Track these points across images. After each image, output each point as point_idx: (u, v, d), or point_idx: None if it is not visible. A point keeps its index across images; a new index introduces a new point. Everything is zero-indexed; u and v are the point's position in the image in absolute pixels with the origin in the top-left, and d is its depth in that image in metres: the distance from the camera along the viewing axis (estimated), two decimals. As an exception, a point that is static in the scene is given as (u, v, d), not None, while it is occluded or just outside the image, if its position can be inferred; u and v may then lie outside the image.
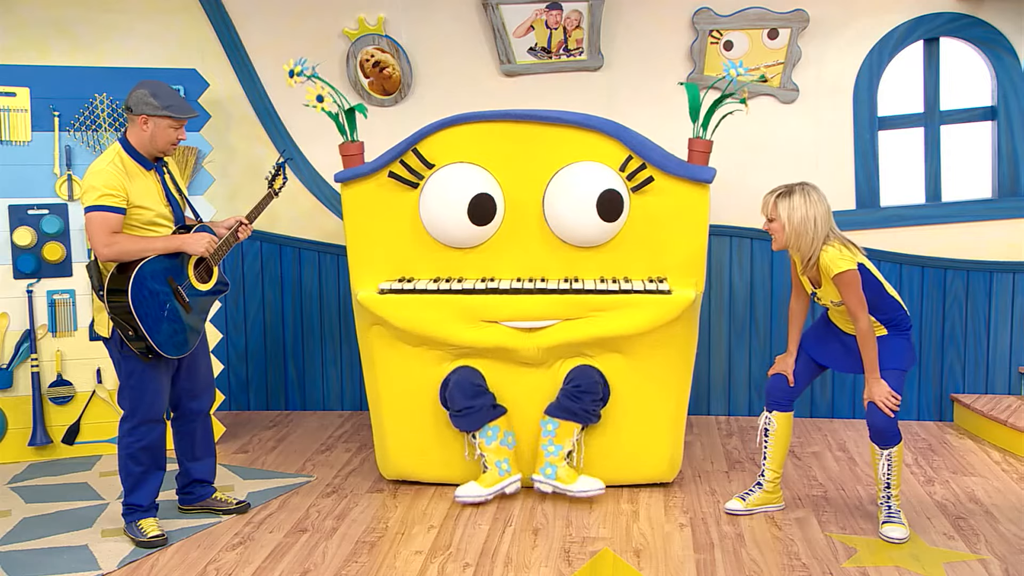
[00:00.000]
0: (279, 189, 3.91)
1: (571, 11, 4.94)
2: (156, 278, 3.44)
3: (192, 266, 3.61)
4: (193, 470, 3.85)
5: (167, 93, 3.50)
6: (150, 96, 3.45)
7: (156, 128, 3.47)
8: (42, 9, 5.06)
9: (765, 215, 3.52)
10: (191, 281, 3.59)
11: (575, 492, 3.85)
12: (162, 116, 3.46)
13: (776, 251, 3.49)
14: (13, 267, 4.56)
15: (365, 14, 5.08)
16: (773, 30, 4.89)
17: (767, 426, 3.75)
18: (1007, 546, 3.46)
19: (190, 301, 3.58)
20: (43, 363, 4.62)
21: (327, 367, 5.45)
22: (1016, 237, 4.94)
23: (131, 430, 3.56)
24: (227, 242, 3.66)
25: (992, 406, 4.80)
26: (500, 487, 3.92)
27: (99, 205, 3.35)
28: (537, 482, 3.94)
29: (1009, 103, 4.91)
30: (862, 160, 4.99)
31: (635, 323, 3.84)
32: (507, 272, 4.03)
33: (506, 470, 3.95)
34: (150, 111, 3.44)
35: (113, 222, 3.36)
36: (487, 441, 3.94)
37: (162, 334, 3.44)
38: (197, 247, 3.52)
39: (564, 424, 3.90)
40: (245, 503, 3.92)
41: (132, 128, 3.50)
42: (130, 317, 3.35)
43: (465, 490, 3.92)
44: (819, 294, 3.58)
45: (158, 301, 3.44)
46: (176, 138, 3.53)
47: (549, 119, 3.93)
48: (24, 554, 3.51)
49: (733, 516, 3.76)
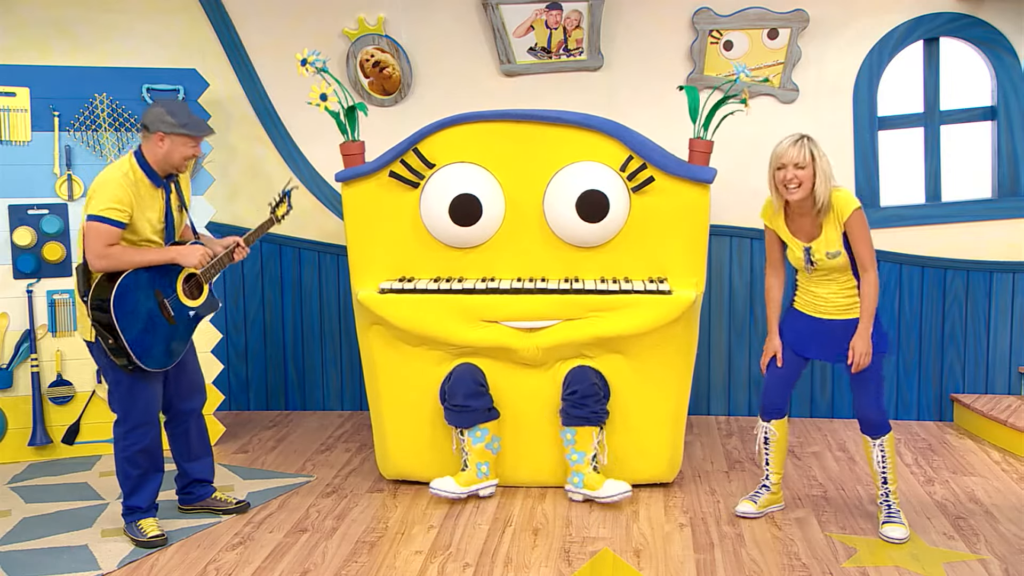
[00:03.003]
0: (282, 217, 3.92)
1: (571, 11, 4.94)
2: (142, 290, 3.43)
3: (182, 281, 3.59)
4: (191, 470, 3.85)
5: (183, 111, 3.51)
6: (167, 114, 3.46)
7: (172, 145, 3.47)
8: (42, 9, 5.05)
9: (792, 163, 3.39)
10: (179, 296, 3.58)
11: (603, 498, 3.86)
12: (178, 134, 3.46)
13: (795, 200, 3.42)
14: (13, 267, 4.56)
15: (365, 14, 5.08)
16: (773, 30, 4.89)
17: (766, 435, 3.75)
18: (1007, 546, 3.46)
19: (176, 315, 3.56)
20: (43, 363, 4.62)
21: (327, 367, 5.45)
22: (1016, 237, 4.94)
23: (126, 434, 3.55)
24: (221, 261, 3.66)
25: (992, 406, 4.80)
26: (475, 488, 3.95)
27: (103, 216, 3.34)
28: (569, 492, 3.98)
29: (1009, 103, 4.91)
30: (862, 160, 4.99)
31: (635, 323, 3.84)
32: (507, 272, 4.03)
33: (484, 473, 3.97)
34: (166, 129, 3.45)
35: (112, 235, 3.36)
36: (474, 441, 3.95)
37: (143, 346, 3.41)
38: (190, 259, 3.51)
39: (581, 430, 3.90)
40: (245, 502, 3.92)
41: (147, 144, 3.49)
42: (112, 327, 3.34)
43: (441, 483, 3.92)
44: (813, 248, 3.48)
45: (141, 313, 3.42)
46: (191, 155, 3.53)
47: (550, 119, 3.93)
48: (24, 554, 3.51)
49: (732, 516, 3.76)
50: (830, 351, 3.59)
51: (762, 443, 3.77)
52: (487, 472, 3.98)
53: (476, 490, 3.96)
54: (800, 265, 3.56)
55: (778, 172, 3.44)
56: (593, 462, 3.93)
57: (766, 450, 3.76)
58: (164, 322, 3.51)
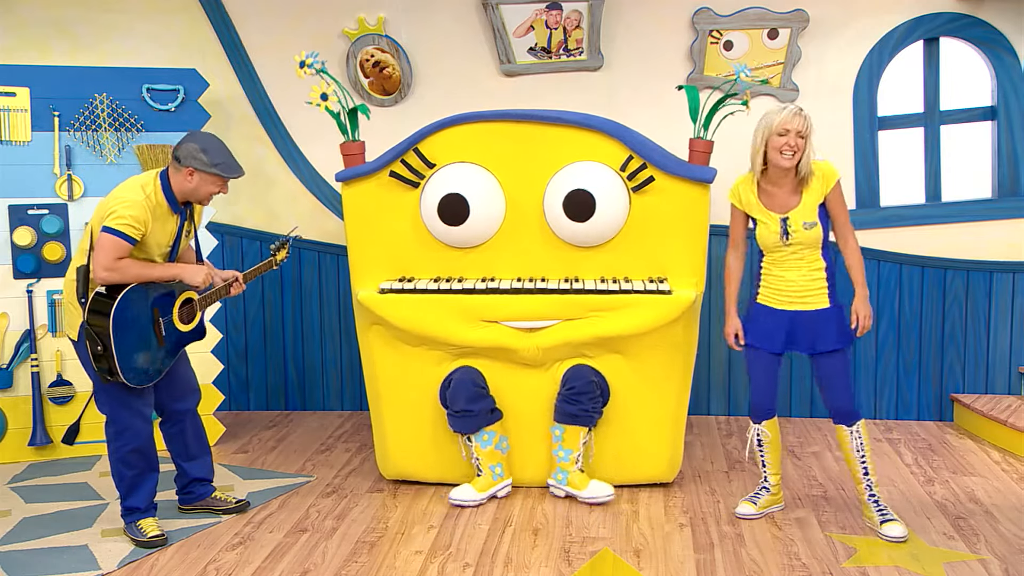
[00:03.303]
0: (280, 262, 3.99)
1: (571, 11, 4.94)
2: (142, 305, 3.44)
3: (179, 304, 3.60)
4: (190, 469, 3.85)
5: (218, 150, 3.49)
6: (200, 151, 3.44)
7: (201, 183, 3.48)
8: (42, 9, 5.06)
9: (796, 130, 3.43)
10: (173, 318, 3.59)
11: (584, 498, 3.89)
12: (209, 173, 3.46)
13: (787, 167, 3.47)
14: (13, 267, 4.56)
15: (365, 14, 5.08)
16: (773, 30, 4.89)
17: (759, 437, 3.75)
18: (1007, 546, 3.46)
19: (166, 337, 3.56)
20: (43, 363, 4.62)
21: (327, 367, 5.45)
22: (1016, 237, 4.94)
23: (117, 435, 3.55)
24: (218, 292, 3.69)
25: (992, 406, 4.80)
26: (493, 491, 3.96)
27: (119, 231, 3.34)
28: (551, 487, 4.00)
29: (1009, 103, 4.91)
30: (862, 160, 4.99)
31: (635, 323, 3.84)
32: (507, 272, 4.03)
33: (499, 474, 3.97)
34: (199, 166, 3.44)
35: (124, 250, 3.37)
36: (482, 445, 3.95)
37: (129, 362, 3.40)
38: (196, 278, 3.53)
39: (569, 429, 3.91)
40: (245, 502, 3.92)
41: (176, 176, 3.48)
42: (106, 336, 3.33)
43: (460, 493, 3.93)
44: (791, 217, 3.49)
45: (136, 328, 3.42)
46: (218, 192, 3.54)
47: (550, 119, 3.93)
48: (24, 554, 3.51)
49: (732, 516, 3.76)
50: (803, 342, 3.59)
51: (755, 445, 3.77)
52: (501, 473, 3.98)
53: (494, 492, 3.97)
54: (773, 240, 3.54)
55: (778, 138, 3.46)
56: (578, 462, 3.94)
57: (761, 452, 3.78)
58: (155, 341, 3.51)
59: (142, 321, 3.45)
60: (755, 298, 3.67)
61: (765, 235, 3.56)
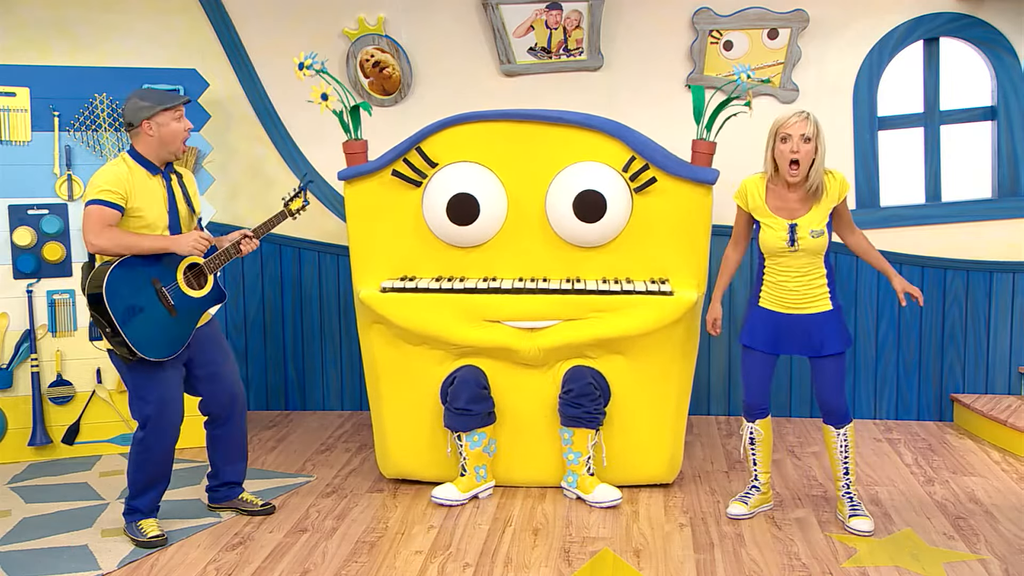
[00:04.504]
0: (296, 211, 3.81)
1: (571, 11, 4.94)
2: (136, 279, 3.42)
3: (183, 270, 3.57)
4: (224, 473, 3.86)
5: (151, 93, 3.54)
6: (139, 101, 3.47)
7: (160, 127, 3.47)
8: (42, 9, 5.05)
9: (798, 134, 3.41)
10: (179, 285, 3.56)
11: (592, 502, 3.89)
12: (159, 112, 3.46)
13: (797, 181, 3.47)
14: (13, 267, 4.56)
15: (365, 14, 5.08)
16: (773, 30, 4.90)
17: (752, 435, 3.76)
18: (1007, 546, 3.46)
19: (176, 305, 3.53)
20: (43, 363, 4.62)
21: (327, 367, 5.45)
22: (1016, 237, 4.95)
23: (140, 440, 3.55)
24: (227, 252, 3.63)
25: (992, 406, 4.80)
26: (476, 492, 3.98)
27: (97, 199, 3.36)
28: (564, 489, 4.02)
29: (1009, 103, 4.91)
30: (862, 160, 4.99)
31: (637, 324, 3.84)
32: (509, 272, 4.03)
33: (483, 476, 3.99)
34: (147, 114, 3.45)
35: (108, 216, 3.36)
36: (472, 445, 3.95)
37: (142, 336, 3.39)
38: (183, 247, 3.48)
39: (577, 432, 3.92)
40: (271, 505, 3.91)
41: (139, 140, 3.49)
42: (104, 311, 3.33)
43: (443, 492, 3.94)
44: (800, 224, 3.48)
45: (138, 303, 3.41)
46: (184, 128, 3.53)
47: (552, 119, 3.93)
48: (24, 554, 3.51)
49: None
50: (803, 345, 3.59)
51: (748, 444, 3.78)
52: (485, 475, 3.99)
53: (476, 493, 3.98)
54: (779, 245, 3.52)
55: (782, 144, 3.45)
56: (588, 463, 3.94)
57: (753, 450, 3.78)
58: (164, 312, 3.49)
59: (143, 295, 3.43)
60: (756, 300, 3.67)
61: (770, 239, 3.55)
